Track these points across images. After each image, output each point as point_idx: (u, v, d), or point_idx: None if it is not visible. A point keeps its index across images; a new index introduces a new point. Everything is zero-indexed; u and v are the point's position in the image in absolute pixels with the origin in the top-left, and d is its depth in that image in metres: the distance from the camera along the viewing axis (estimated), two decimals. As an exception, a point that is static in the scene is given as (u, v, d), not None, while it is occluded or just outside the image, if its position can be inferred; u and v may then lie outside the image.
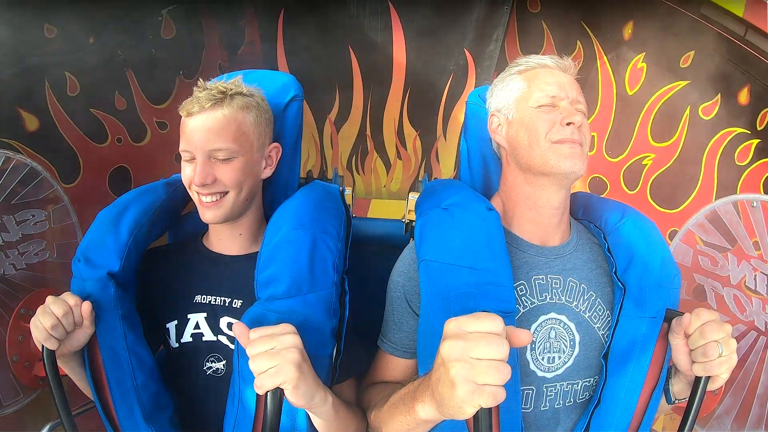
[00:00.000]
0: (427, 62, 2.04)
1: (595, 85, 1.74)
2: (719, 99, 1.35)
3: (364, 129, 2.23)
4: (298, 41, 1.98)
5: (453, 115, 2.18)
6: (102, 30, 1.42)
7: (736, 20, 1.25)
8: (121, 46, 1.51)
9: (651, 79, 1.57)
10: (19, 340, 1.21)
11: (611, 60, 1.70)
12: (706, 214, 1.32)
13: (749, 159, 1.27)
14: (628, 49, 1.63)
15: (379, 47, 1.99)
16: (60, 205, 1.33)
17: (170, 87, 1.73)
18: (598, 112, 1.75)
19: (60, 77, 1.35)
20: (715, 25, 1.31)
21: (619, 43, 1.65)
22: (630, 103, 1.65)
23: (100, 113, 1.50)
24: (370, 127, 2.22)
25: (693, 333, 0.78)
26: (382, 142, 2.27)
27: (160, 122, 1.71)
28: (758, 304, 1.19)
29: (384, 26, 1.95)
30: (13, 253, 1.22)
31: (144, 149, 1.66)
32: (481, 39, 1.97)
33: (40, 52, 1.27)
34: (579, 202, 1.08)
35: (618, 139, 1.71)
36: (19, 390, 1.21)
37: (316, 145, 2.25)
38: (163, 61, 1.67)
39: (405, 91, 2.12)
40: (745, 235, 1.23)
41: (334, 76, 2.08)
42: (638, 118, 1.62)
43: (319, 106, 2.16)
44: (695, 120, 1.44)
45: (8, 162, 1.19)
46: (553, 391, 0.88)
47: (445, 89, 2.12)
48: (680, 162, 1.50)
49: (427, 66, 2.05)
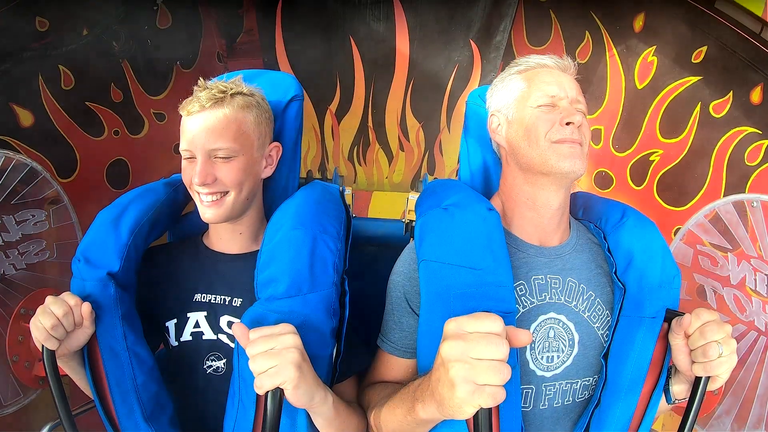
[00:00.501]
0: (431, 53, 1.99)
1: (604, 77, 1.69)
2: (731, 97, 1.33)
3: (365, 120, 2.19)
4: (298, 30, 1.93)
5: (457, 107, 2.14)
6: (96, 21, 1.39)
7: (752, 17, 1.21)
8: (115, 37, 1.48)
9: (661, 73, 1.54)
10: (19, 340, 1.21)
11: (621, 52, 1.65)
12: (707, 214, 1.31)
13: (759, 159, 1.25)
14: (638, 41, 1.59)
15: (381, 37, 1.95)
16: (60, 205, 1.33)
17: (167, 77, 1.70)
18: (606, 105, 1.72)
19: (54, 71, 1.32)
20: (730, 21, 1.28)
21: (630, 35, 1.61)
22: (639, 96, 1.62)
23: (96, 106, 1.47)
24: (372, 119, 2.19)
25: (693, 333, 0.79)
26: (385, 134, 2.23)
27: (158, 113, 1.68)
28: (758, 305, 1.19)
29: (386, 15, 1.90)
30: (13, 253, 1.22)
31: (142, 141, 1.64)
32: (487, 30, 1.92)
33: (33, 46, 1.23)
34: (579, 202, 1.08)
35: (626, 134, 1.68)
36: (19, 390, 1.21)
37: (317, 136, 2.22)
38: (159, 51, 1.63)
39: (408, 82, 2.08)
40: (746, 235, 1.23)
41: (334, 65, 2.03)
42: (647, 113, 1.59)
43: (319, 96, 2.12)
44: (706, 117, 1.41)
45: (8, 162, 1.19)
46: (552, 390, 0.88)
47: (449, 81, 2.08)
48: (689, 159, 1.47)
49: (431, 57, 2.00)
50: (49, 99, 1.31)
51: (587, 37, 1.72)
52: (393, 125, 2.20)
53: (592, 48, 1.70)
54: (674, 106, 1.51)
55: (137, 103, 1.61)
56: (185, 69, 1.74)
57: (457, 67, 2.04)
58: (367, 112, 2.17)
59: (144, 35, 1.58)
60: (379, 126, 2.20)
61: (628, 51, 1.63)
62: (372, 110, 2.16)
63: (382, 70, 2.04)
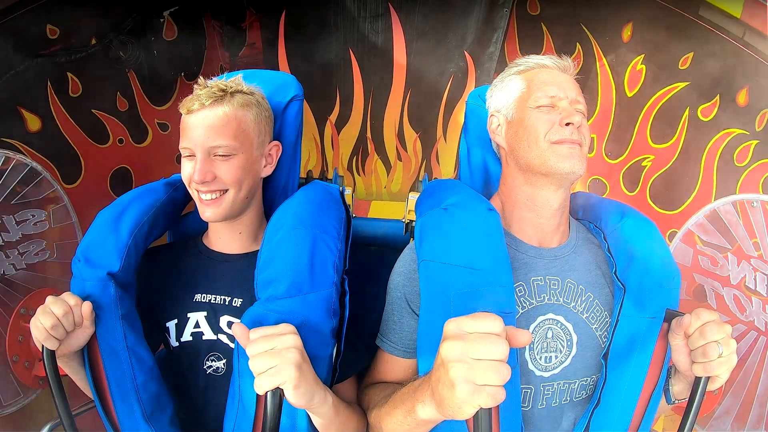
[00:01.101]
0: (427, 64, 2.05)
1: (595, 86, 1.74)
2: (718, 100, 1.35)
3: (364, 131, 2.23)
4: (299, 43, 1.98)
5: (453, 116, 2.19)
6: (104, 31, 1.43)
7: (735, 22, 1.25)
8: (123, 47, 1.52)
9: (650, 80, 1.58)
10: (19, 340, 1.20)
11: (610, 62, 1.70)
12: (706, 214, 1.32)
13: (748, 160, 1.27)
14: (627, 50, 1.63)
15: (379, 49, 2.00)
16: (60, 205, 1.33)
17: (172, 88, 1.74)
18: (597, 113, 1.76)
19: (62, 78, 1.35)
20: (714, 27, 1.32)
21: (619, 44, 1.65)
22: (629, 104, 1.65)
23: (101, 114, 1.50)
24: (370, 129, 2.23)
25: (693, 333, 0.79)
26: (383, 144, 2.27)
27: (162, 123, 1.71)
28: (758, 304, 1.19)
29: (384, 28, 1.95)
30: (13, 253, 1.21)
31: (145, 150, 1.66)
32: (481, 41, 1.98)
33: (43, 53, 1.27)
34: (579, 202, 1.08)
35: (617, 141, 1.71)
36: (19, 390, 1.20)
37: (317, 146, 2.25)
38: (164, 62, 1.67)
39: (405, 92, 2.13)
40: (745, 235, 1.22)
41: (334, 77, 2.08)
42: (638, 120, 1.62)
43: (319, 107, 2.17)
44: (694, 121, 1.44)
45: (8, 162, 1.19)
46: (551, 390, 0.88)
47: (445, 91, 2.12)
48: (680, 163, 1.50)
49: (427, 68, 2.05)
50: (57, 105, 1.34)
51: (578, 48, 1.76)
52: (391, 136, 2.24)
53: (582, 58, 1.75)
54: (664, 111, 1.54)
55: (142, 113, 1.63)
56: (189, 80, 1.78)
57: (453, 78, 2.09)
58: (366, 123, 2.21)
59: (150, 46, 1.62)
60: (378, 136, 2.23)
61: (618, 60, 1.67)
62: (371, 121, 2.20)
63: (380, 81, 2.09)
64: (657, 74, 1.55)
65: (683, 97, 1.47)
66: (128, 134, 1.59)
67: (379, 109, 2.17)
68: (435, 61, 2.03)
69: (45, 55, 1.27)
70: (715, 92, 1.36)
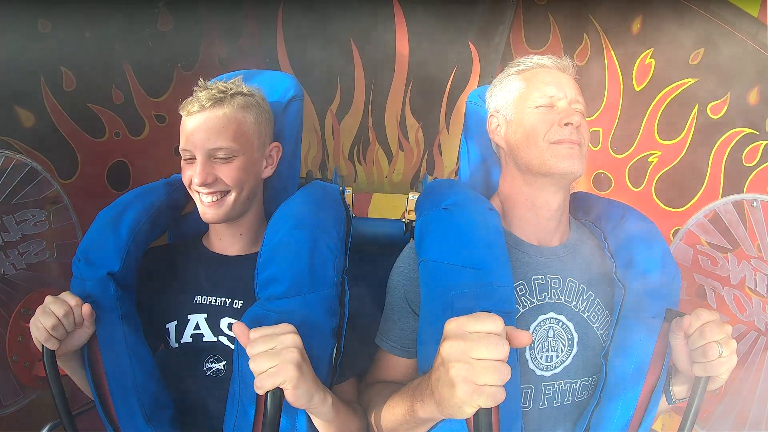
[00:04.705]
0: (430, 54, 2.01)
1: (602, 79, 1.70)
2: (728, 98, 1.33)
3: (366, 120, 2.21)
4: (298, 33, 1.94)
5: (456, 107, 2.15)
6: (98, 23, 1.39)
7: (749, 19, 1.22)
8: (117, 39, 1.48)
9: (659, 75, 1.54)
10: (19, 340, 1.20)
11: (619, 54, 1.66)
12: (707, 214, 1.31)
13: (757, 160, 1.25)
14: (636, 43, 1.59)
15: (381, 39, 1.96)
16: (60, 204, 1.32)
17: (168, 79, 1.70)
18: (604, 107, 1.72)
19: (56, 72, 1.32)
20: (727, 23, 1.28)
21: (628, 37, 1.61)
22: (637, 98, 1.62)
23: (97, 107, 1.47)
24: (372, 119, 2.20)
25: (693, 333, 0.79)
26: (384, 134, 2.24)
27: (159, 115, 1.68)
28: (758, 305, 1.19)
29: (386, 17, 1.92)
30: (13, 253, 1.21)
31: (143, 143, 1.64)
32: (485, 32, 1.93)
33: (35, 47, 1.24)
34: (579, 202, 1.08)
35: (624, 136, 1.69)
36: (19, 390, 1.20)
37: (318, 136, 2.23)
38: (160, 53, 1.63)
39: (408, 83, 2.09)
40: (746, 235, 1.22)
41: (335, 67, 2.05)
42: (645, 115, 1.59)
43: (320, 97, 2.13)
44: (703, 118, 1.41)
45: (8, 162, 1.18)
46: (552, 389, 0.88)
47: (448, 82, 2.09)
48: (687, 161, 1.47)
49: (430, 58, 2.01)
50: (51, 100, 1.32)
51: (585, 40, 1.72)
52: (393, 125, 2.21)
53: (590, 50, 1.71)
54: (672, 107, 1.51)
55: (138, 105, 1.60)
56: (186, 71, 1.74)
57: (456, 68, 2.05)
58: (368, 113, 2.18)
59: (145, 37, 1.58)
60: (379, 126, 2.21)
61: (626, 53, 1.64)
62: (372, 110, 2.17)
63: (382, 71, 2.06)
64: (666, 69, 1.51)
65: (693, 93, 1.44)
66: (125, 127, 1.57)
67: (381, 99, 2.14)
68: (438, 51, 2.00)
69: (37, 49, 1.23)
70: (726, 90, 1.33)
